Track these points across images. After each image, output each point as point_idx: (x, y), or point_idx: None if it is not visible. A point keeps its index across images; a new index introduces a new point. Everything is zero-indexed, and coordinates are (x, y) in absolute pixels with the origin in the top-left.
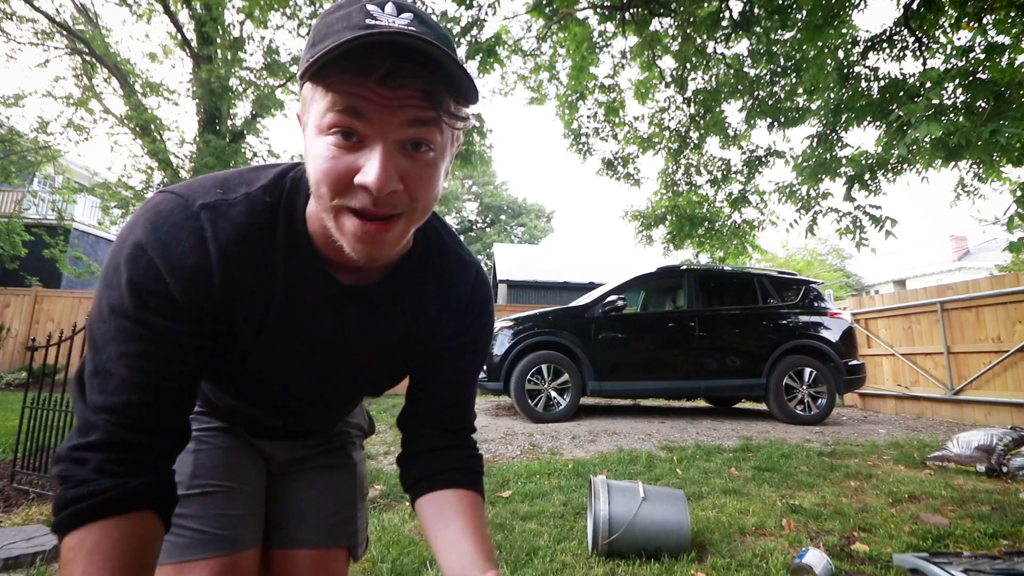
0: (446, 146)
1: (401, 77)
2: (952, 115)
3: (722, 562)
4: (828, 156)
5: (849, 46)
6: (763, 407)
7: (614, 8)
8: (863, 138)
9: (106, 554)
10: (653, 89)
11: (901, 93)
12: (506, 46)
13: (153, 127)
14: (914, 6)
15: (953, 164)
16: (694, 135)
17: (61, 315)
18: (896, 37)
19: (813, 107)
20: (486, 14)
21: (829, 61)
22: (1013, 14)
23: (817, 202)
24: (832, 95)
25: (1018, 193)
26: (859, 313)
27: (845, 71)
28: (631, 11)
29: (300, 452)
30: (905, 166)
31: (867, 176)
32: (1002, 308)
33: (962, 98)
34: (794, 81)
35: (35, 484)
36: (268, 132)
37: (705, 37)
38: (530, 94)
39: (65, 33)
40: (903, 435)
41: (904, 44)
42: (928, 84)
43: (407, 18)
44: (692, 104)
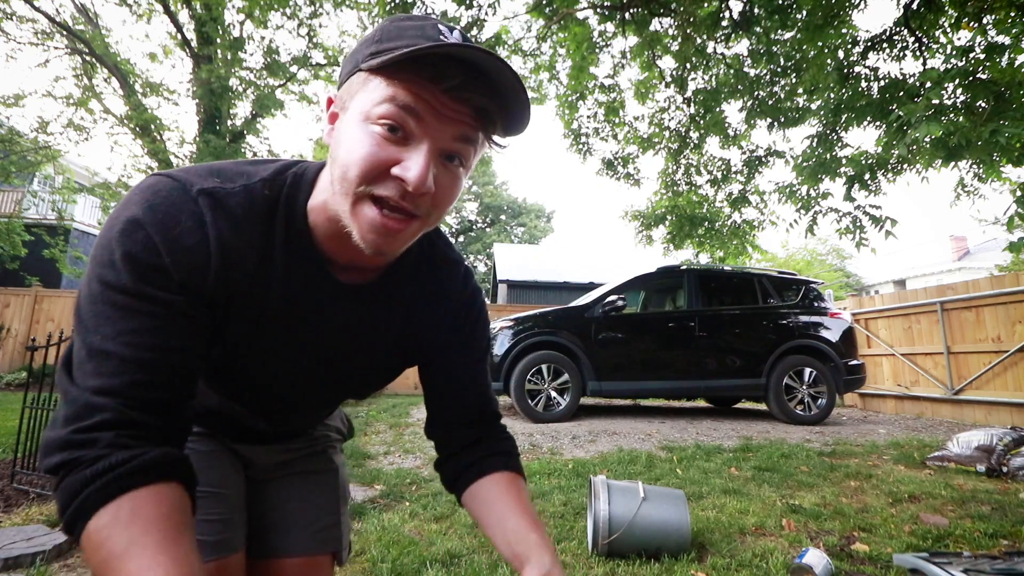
0: (473, 164)
1: (467, 91)
2: (952, 115)
3: (722, 562)
4: (828, 156)
5: (849, 46)
6: (763, 407)
7: (614, 8)
8: (863, 138)
9: (149, 518)
10: (653, 89)
11: (901, 93)
12: (506, 46)
13: (153, 127)
14: (914, 6)
15: (953, 164)
16: (694, 135)
17: (61, 315)
18: (896, 37)
19: (813, 107)
20: (486, 14)
21: (829, 61)
22: (1013, 14)
23: (817, 202)
24: (832, 95)
25: (1018, 193)
26: (859, 313)
27: (845, 71)
28: (631, 11)
29: (280, 456)
30: (905, 166)
31: (867, 176)
32: (1002, 308)
33: (962, 98)
34: (794, 81)
35: (35, 484)
36: (268, 132)
37: (705, 37)
38: (530, 94)
39: (65, 33)
40: (903, 435)
41: (904, 44)
42: (928, 84)
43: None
44: (692, 104)
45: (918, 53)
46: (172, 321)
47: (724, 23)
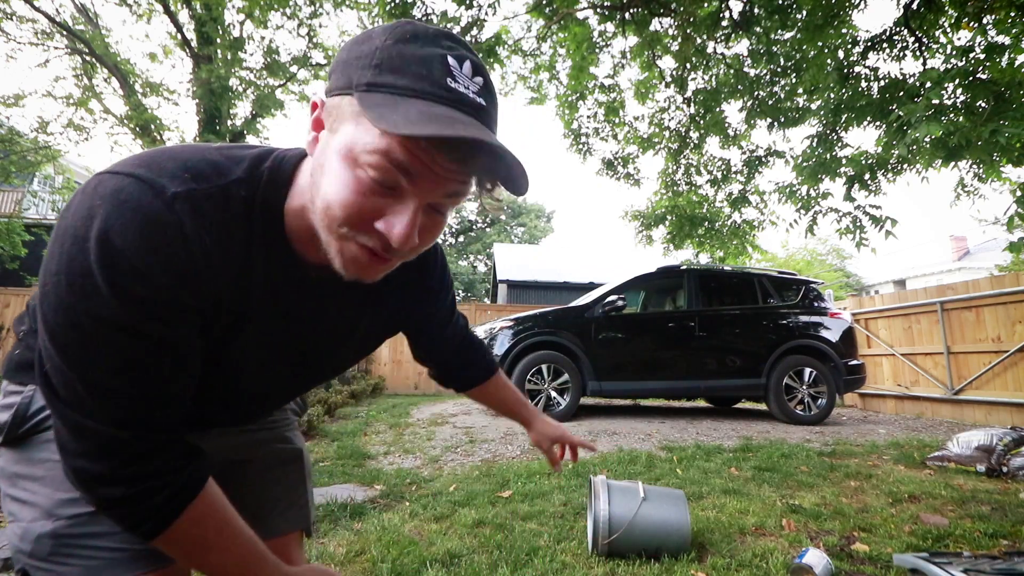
0: (460, 202)
1: (467, 161)
2: (952, 115)
3: (722, 562)
4: (828, 156)
5: (849, 46)
6: (763, 407)
7: (614, 8)
8: (863, 138)
9: (222, 506)
10: (653, 89)
11: (901, 93)
12: (506, 46)
13: (153, 127)
14: (914, 6)
15: (953, 164)
16: (694, 135)
17: None
18: (896, 37)
19: (813, 107)
20: (486, 14)
21: (829, 61)
22: (1013, 14)
23: (817, 202)
24: (832, 95)
25: (1018, 193)
26: (859, 313)
27: (845, 71)
28: (631, 11)
29: (234, 439)
30: (905, 166)
31: (867, 176)
32: (1002, 308)
33: (962, 98)
34: (794, 81)
35: None
36: (268, 132)
37: (705, 37)
38: (530, 94)
39: (65, 33)
40: (903, 435)
41: (904, 44)
42: (928, 84)
43: (479, 83)
44: (692, 104)
45: (918, 53)
46: (169, 351)
47: (724, 23)
